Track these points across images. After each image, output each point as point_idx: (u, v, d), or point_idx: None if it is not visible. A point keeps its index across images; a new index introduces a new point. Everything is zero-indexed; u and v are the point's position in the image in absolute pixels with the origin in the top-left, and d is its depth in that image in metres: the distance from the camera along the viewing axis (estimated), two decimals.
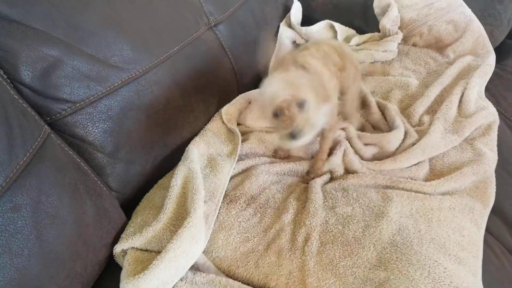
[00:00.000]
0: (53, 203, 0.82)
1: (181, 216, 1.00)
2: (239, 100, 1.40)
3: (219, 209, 1.06)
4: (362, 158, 1.25)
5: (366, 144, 1.28)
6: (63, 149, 0.91)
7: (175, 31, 1.21)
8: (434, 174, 1.20)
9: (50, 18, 0.91)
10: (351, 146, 1.27)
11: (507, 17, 1.66)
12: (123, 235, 1.00)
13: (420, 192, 1.11)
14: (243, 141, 1.28)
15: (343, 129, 1.30)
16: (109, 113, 1.01)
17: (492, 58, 1.56)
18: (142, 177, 1.13)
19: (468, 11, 1.63)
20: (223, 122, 1.35)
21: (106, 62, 1.00)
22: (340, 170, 1.21)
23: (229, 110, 1.37)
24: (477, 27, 1.62)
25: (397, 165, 1.19)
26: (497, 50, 1.62)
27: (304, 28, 1.77)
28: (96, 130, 0.99)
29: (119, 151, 1.04)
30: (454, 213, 1.05)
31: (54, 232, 0.81)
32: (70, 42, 0.93)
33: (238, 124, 1.40)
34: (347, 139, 1.29)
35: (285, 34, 1.76)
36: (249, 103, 1.41)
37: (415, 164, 1.21)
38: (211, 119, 1.36)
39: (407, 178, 1.16)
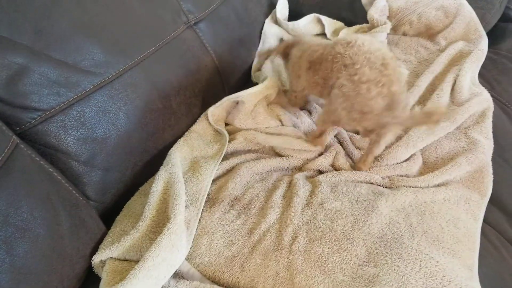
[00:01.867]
0: (23, 215, 0.79)
1: (161, 223, 0.97)
2: (226, 101, 1.36)
3: (202, 213, 1.02)
4: (353, 162, 1.21)
5: (358, 148, 1.24)
6: (33, 159, 0.88)
7: (151, 32, 1.18)
8: (428, 167, 1.16)
9: (14, 24, 0.87)
10: (343, 149, 1.23)
11: (499, 0, 1.61)
12: (101, 245, 0.97)
13: (413, 187, 1.07)
14: (229, 140, 1.24)
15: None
16: (82, 120, 0.97)
17: (484, 43, 1.51)
18: (121, 185, 1.10)
19: None
20: (209, 123, 1.31)
21: (76, 66, 0.96)
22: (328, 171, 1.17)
23: (215, 111, 1.33)
24: (468, 12, 1.57)
25: (387, 162, 1.15)
26: (490, 34, 1.57)
27: (291, 23, 1.73)
28: (69, 138, 0.95)
29: (95, 159, 1.01)
30: (449, 205, 1.01)
31: (25, 246, 0.78)
32: (36, 48, 0.90)
33: (226, 125, 1.36)
34: (339, 143, 1.26)
35: (270, 31, 1.71)
36: (237, 103, 1.37)
37: (406, 160, 1.17)
38: (197, 120, 1.32)
39: (399, 176, 1.12)
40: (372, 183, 1.10)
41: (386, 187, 1.09)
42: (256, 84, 1.40)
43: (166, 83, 1.18)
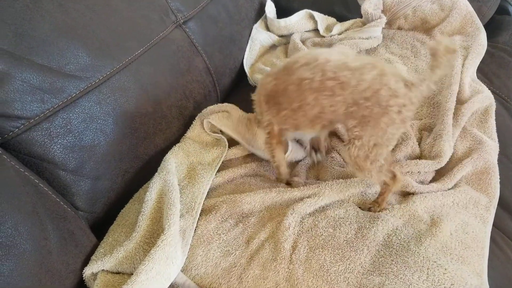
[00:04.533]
0: (7, 231, 0.75)
1: (156, 234, 0.93)
2: (221, 107, 1.29)
3: (198, 222, 0.97)
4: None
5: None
6: (17, 171, 0.83)
7: (138, 33, 1.13)
8: (438, 171, 1.11)
9: None
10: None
11: None
12: (93, 257, 0.93)
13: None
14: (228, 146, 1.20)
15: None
16: (69, 127, 0.93)
17: (483, 36, 1.47)
18: (112, 193, 1.05)
19: None
20: (204, 128, 1.26)
21: (60, 71, 0.92)
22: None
23: (212, 117, 1.27)
24: (464, 5, 1.53)
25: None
26: (487, 26, 1.53)
27: (282, 21, 1.68)
28: (55, 147, 0.91)
29: (84, 167, 0.96)
30: (457, 209, 0.98)
31: (10, 263, 0.74)
32: (18, 53, 0.86)
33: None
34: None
35: (258, 37, 1.67)
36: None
37: None
38: (191, 127, 1.27)
39: (417, 182, 1.06)
40: None
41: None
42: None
43: (156, 86, 1.14)
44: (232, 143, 1.21)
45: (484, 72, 1.43)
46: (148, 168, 1.11)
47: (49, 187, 0.89)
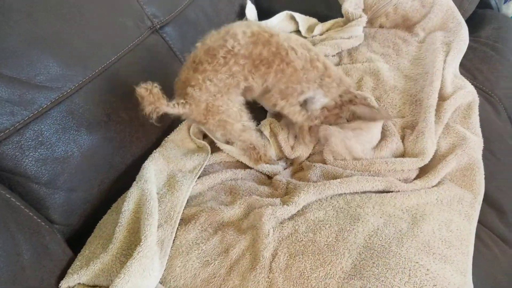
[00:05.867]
0: None
1: (133, 245, 0.90)
2: None
3: (176, 232, 0.95)
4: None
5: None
6: None
7: (112, 40, 1.11)
8: (422, 168, 1.09)
9: None
10: None
11: None
12: (69, 270, 0.90)
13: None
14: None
15: None
16: (40, 139, 0.91)
17: (464, 31, 1.45)
18: (88, 205, 1.03)
19: None
20: (189, 133, 1.24)
21: (30, 82, 0.90)
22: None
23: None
24: (445, 0, 1.52)
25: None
26: (469, 21, 1.52)
27: (263, 22, 1.66)
28: (26, 160, 0.89)
29: (57, 180, 0.95)
30: (441, 206, 0.96)
31: None
32: None
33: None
34: None
35: None
36: None
37: None
38: (176, 130, 1.24)
39: (400, 180, 1.04)
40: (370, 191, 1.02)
41: (378, 191, 1.02)
42: None
43: (132, 93, 1.12)
44: (215, 148, 1.19)
45: (467, 68, 1.42)
46: (125, 177, 1.08)
47: (21, 201, 0.87)
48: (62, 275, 0.90)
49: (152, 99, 0.89)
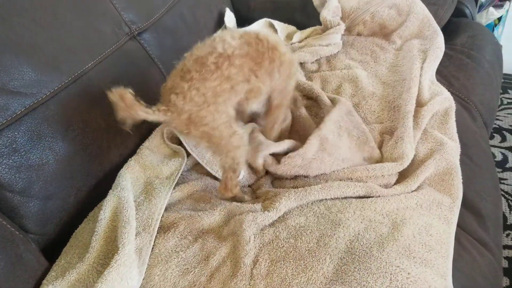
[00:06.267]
0: None
1: (110, 254, 0.88)
2: None
3: (155, 240, 0.94)
4: None
5: None
6: None
7: (89, 46, 1.10)
8: (401, 174, 1.10)
9: None
10: None
11: None
12: (44, 281, 0.88)
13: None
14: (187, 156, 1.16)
15: None
16: (14, 146, 0.89)
17: (440, 39, 1.48)
18: (65, 213, 1.01)
19: None
20: (164, 139, 1.22)
21: (3, 88, 0.88)
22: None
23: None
24: (421, 9, 1.55)
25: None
26: (444, 29, 1.55)
27: (242, 30, 1.67)
28: (0, 167, 0.87)
29: (32, 188, 0.92)
30: (421, 211, 0.96)
31: None
32: None
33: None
34: None
35: None
36: None
37: None
38: (150, 136, 1.22)
39: (380, 186, 1.05)
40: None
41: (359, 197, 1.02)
42: None
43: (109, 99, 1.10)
44: None
45: (443, 75, 1.44)
46: (103, 186, 1.06)
47: None
48: (37, 285, 0.87)
49: (124, 104, 0.85)
